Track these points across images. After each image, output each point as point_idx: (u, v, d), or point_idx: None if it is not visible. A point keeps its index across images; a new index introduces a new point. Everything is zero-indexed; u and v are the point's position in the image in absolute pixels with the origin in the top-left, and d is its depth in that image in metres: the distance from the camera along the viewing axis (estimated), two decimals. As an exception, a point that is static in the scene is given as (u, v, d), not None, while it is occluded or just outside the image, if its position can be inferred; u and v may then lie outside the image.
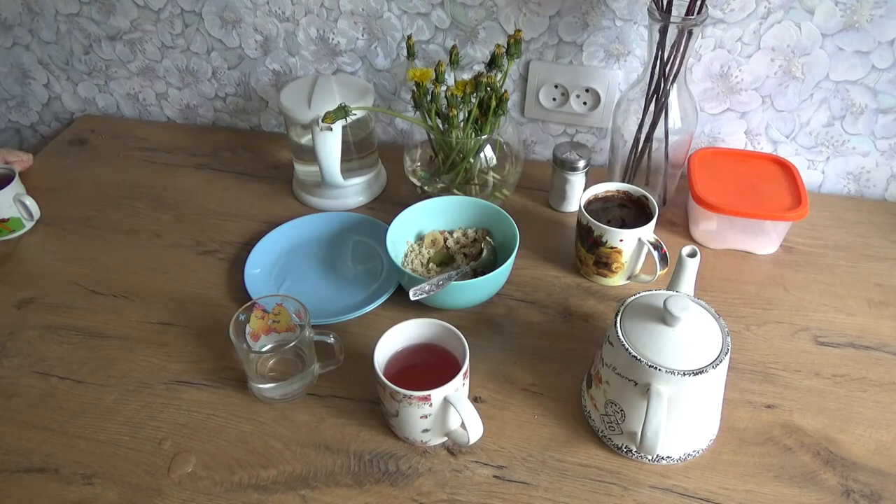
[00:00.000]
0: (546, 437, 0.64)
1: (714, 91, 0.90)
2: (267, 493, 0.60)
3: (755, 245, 0.84)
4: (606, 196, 0.81)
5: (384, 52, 0.98)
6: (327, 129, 0.81)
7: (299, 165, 0.94)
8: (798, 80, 0.87)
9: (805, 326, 0.75)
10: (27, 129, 1.22)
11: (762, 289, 0.80)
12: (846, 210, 0.91)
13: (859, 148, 0.91)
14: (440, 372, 0.60)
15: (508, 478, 0.61)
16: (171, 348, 0.74)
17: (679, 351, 0.57)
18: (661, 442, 0.56)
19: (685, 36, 0.74)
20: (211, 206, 0.95)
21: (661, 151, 0.84)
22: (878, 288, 0.80)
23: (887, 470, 0.61)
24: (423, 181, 0.89)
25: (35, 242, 0.89)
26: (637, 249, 0.76)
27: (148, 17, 1.02)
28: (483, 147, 0.86)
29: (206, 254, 0.87)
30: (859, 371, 0.70)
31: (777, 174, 0.86)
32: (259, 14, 0.98)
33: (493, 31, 0.92)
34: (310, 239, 0.88)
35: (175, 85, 1.10)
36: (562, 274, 0.82)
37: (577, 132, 0.99)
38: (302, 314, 0.67)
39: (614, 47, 0.90)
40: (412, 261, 0.80)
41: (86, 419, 0.67)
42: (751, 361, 0.71)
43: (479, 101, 0.81)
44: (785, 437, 0.64)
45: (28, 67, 1.13)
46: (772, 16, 0.82)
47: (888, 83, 0.84)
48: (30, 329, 0.77)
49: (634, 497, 0.60)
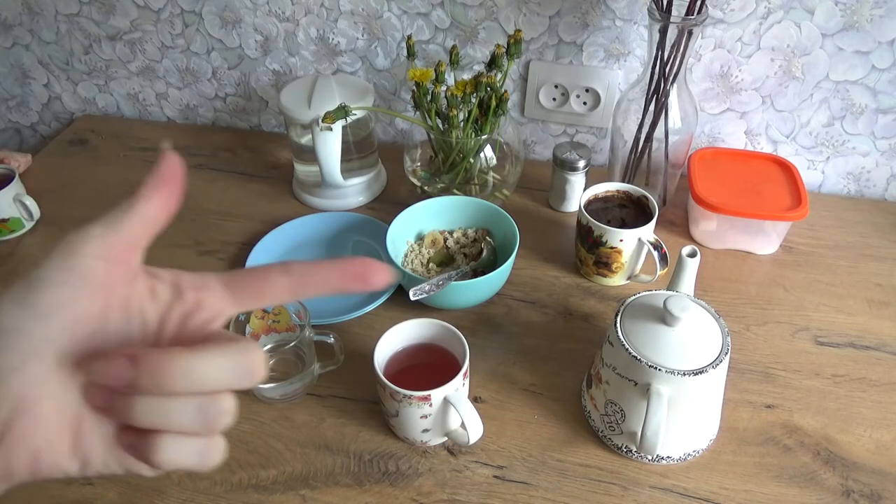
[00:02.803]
0: (546, 437, 0.64)
1: (714, 91, 0.90)
2: (267, 493, 0.60)
3: (755, 245, 0.84)
4: (606, 196, 0.81)
5: (384, 52, 0.98)
6: (327, 129, 0.81)
7: (299, 165, 0.94)
8: (798, 80, 0.87)
9: (805, 326, 0.75)
10: (27, 129, 1.22)
11: (762, 289, 0.80)
12: (846, 210, 0.91)
13: (859, 148, 0.91)
14: (440, 372, 0.60)
15: (508, 478, 0.61)
16: (171, 348, 0.74)
17: (679, 351, 0.57)
18: (661, 442, 0.56)
19: (685, 36, 0.74)
20: (211, 206, 0.95)
21: (661, 151, 0.84)
22: (878, 288, 0.80)
23: (887, 470, 0.61)
24: (423, 181, 0.89)
25: (35, 242, 0.89)
26: (637, 249, 0.76)
27: (148, 17, 1.02)
28: (483, 147, 0.86)
29: (206, 254, 0.87)
30: (859, 371, 0.70)
31: (777, 174, 0.86)
32: (259, 14, 0.98)
33: (493, 31, 0.92)
34: (310, 239, 0.88)
35: (175, 85, 1.10)
36: (562, 274, 0.82)
37: (577, 132, 0.99)
38: (302, 314, 0.67)
39: (614, 47, 0.90)
40: (412, 261, 0.80)
41: (86, 419, 0.67)
42: (751, 361, 0.71)
43: (479, 101, 0.81)
44: (785, 437, 0.64)
45: (28, 67, 1.13)
46: (772, 16, 0.82)
47: (888, 83, 0.84)
48: (30, 329, 0.76)
49: (634, 497, 0.60)
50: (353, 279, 0.28)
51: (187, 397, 0.25)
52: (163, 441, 0.25)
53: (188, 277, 0.29)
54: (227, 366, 0.26)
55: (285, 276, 0.28)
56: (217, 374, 0.25)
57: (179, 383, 0.25)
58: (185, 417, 0.25)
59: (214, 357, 0.25)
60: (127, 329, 0.27)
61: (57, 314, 0.25)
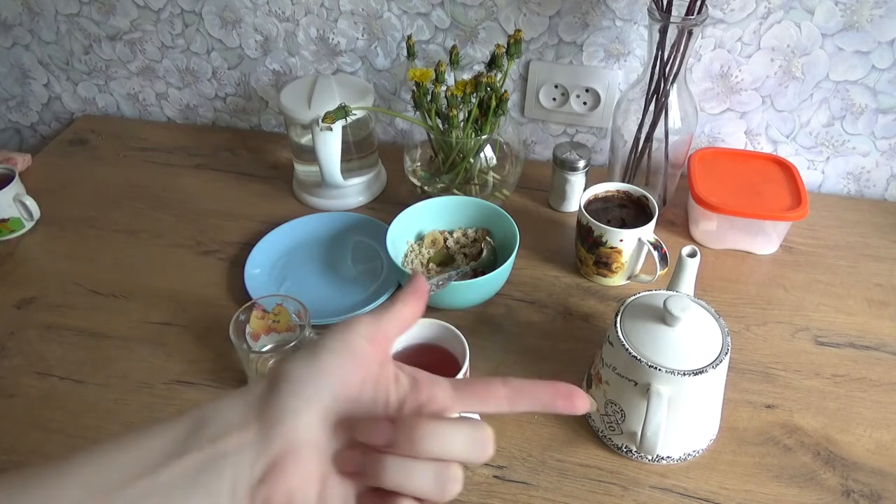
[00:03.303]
0: (546, 437, 0.64)
1: (714, 91, 0.90)
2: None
3: (755, 245, 0.84)
4: (606, 196, 0.81)
5: (384, 52, 0.98)
6: (327, 129, 0.81)
7: (299, 165, 0.94)
8: (798, 80, 0.87)
9: (805, 326, 0.75)
10: (27, 129, 1.22)
11: (762, 289, 0.80)
12: (846, 210, 0.91)
13: (859, 148, 0.91)
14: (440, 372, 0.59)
15: (508, 478, 0.61)
16: (171, 348, 0.74)
17: (679, 351, 0.57)
18: (661, 442, 0.56)
19: (685, 36, 0.74)
20: (211, 206, 0.95)
21: (661, 151, 0.84)
22: (878, 288, 0.80)
23: (887, 470, 0.61)
24: (423, 181, 0.89)
25: (35, 242, 0.89)
26: (637, 249, 0.76)
27: (148, 18, 1.02)
28: (483, 147, 0.86)
29: (206, 254, 0.87)
30: (859, 371, 0.70)
31: (777, 174, 0.86)
32: (259, 14, 0.98)
33: (493, 31, 0.92)
34: (310, 239, 0.88)
35: (175, 85, 1.10)
36: (562, 274, 0.82)
37: (577, 132, 0.99)
38: (302, 314, 0.67)
39: (614, 47, 0.90)
40: (412, 261, 0.80)
41: (86, 419, 0.67)
42: (751, 361, 0.71)
43: (479, 101, 0.81)
44: (785, 437, 0.64)
45: (28, 67, 1.13)
46: (772, 16, 0.82)
47: (888, 83, 0.84)
48: (30, 329, 0.77)
49: (634, 497, 0.60)
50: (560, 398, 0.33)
51: (427, 462, 0.30)
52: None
53: (425, 375, 0.35)
54: (466, 436, 0.31)
55: (504, 388, 0.33)
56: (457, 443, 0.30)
57: (428, 446, 0.30)
58: (424, 479, 0.30)
59: (456, 428, 0.31)
60: (374, 404, 0.32)
61: (331, 374, 0.31)
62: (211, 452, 0.29)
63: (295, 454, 0.30)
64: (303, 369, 0.31)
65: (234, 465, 0.29)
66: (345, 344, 0.32)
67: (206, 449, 0.29)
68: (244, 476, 0.29)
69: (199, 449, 0.29)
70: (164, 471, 0.28)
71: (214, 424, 0.30)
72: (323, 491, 0.30)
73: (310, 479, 0.30)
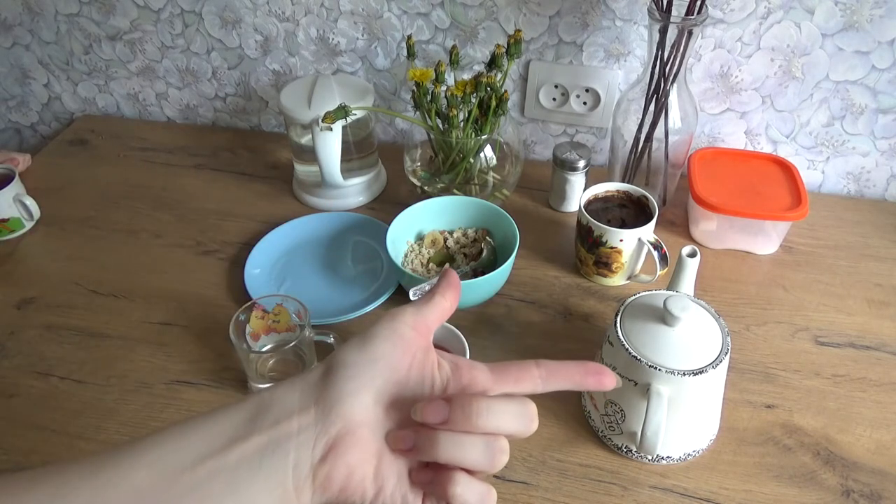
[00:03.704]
0: (546, 437, 0.64)
1: (714, 91, 0.90)
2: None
3: (755, 245, 0.84)
4: (606, 196, 0.81)
5: (384, 52, 0.98)
6: (327, 129, 0.81)
7: (299, 165, 0.94)
8: (798, 80, 0.87)
9: (805, 326, 0.75)
10: (27, 129, 1.22)
11: (762, 289, 0.80)
12: (846, 210, 0.91)
13: (859, 148, 0.91)
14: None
15: (508, 478, 0.61)
16: (171, 348, 0.74)
17: (679, 351, 0.57)
18: (661, 442, 0.56)
19: (685, 36, 0.74)
20: (211, 206, 0.95)
21: (661, 151, 0.84)
22: (878, 288, 0.80)
23: (887, 470, 0.61)
24: (423, 181, 0.89)
25: (35, 242, 0.89)
26: (637, 249, 0.76)
27: (148, 18, 1.02)
28: (483, 147, 0.86)
29: (206, 254, 0.87)
30: (859, 371, 0.70)
31: (777, 174, 0.86)
32: (259, 14, 0.98)
33: (493, 31, 0.92)
34: (310, 239, 0.88)
35: (175, 85, 1.10)
36: (562, 274, 0.82)
37: (577, 132, 0.99)
38: (302, 314, 0.67)
39: (614, 47, 0.90)
40: (412, 261, 0.80)
41: (86, 419, 0.67)
42: (751, 361, 0.71)
43: (479, 101, 0.81)
44: (785, 437, 0.64)
45: (28, 67, 1.13)
46: (772, 16, 0.82)
47: (888, 83, 0.84)
48: (30, 329, 0.77)
49: (634, 497, 0.60)
50: (590, 375, 0.37)
51: (478, 436, 0.33)
52: (458, 475, 0.33)
53: (464, 360, 0.37)
54: (515, 411, 0.34)
55: (538, 369, 0.37)
56: (507, 418, 0.33)
57: (482, 421, 0.32)
58: (476, 452, 0.32)
59: (507, 404, 0.34)
60: (420, 387, 0.35)
61: (382, 360, 0.34)
62: (274, 435, 0.31)
63: (352, 434, 0.32)
64: (357, 355, 0.34)
65: (296, 446, 0.31)
66: (393, 331, 0.35)
67: (269, 431, 0.31)
68: (306, 455, 0.31)
69: (263, 431, 0.31)
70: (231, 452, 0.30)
71: (276, 409, 0.32)
72: (378, 467, 0.33)
73: (367, 457, 0.32)
